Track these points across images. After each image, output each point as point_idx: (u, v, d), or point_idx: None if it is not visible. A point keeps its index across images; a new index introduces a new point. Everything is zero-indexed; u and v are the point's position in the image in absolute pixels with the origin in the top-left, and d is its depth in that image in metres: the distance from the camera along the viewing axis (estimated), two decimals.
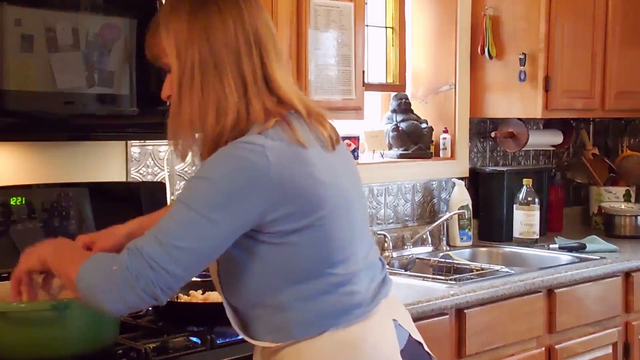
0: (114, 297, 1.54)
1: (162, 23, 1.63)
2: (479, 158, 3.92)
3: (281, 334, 1.63)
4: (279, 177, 1.54)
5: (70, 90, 2.11)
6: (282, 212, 1.56)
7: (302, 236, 1.58)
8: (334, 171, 1.64)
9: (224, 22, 1.60)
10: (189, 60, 1.59)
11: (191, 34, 1.59)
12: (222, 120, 1.59)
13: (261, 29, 1.64)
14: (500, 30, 3.64)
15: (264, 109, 1.60)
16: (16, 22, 2.01)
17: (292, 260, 1.59)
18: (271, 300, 1.62)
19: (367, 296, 1.66)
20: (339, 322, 1.62)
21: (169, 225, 1.55)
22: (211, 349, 1.99)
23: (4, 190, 2.31)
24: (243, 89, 1.60)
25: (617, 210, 4.00)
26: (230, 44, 1.60)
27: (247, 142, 1.55)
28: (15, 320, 1.74)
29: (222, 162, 1.55)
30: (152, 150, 2.76)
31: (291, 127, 1.59)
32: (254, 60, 1.61)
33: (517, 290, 2.89)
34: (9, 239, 2.29)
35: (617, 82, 3.84)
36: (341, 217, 1.63)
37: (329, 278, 1.61)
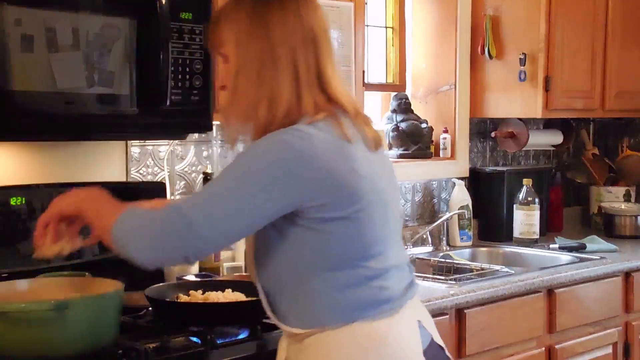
0: (146, 248, 1.62)
1: (224, 15, 1.71)
2: (479, 158, 3.92)
3: (310, 321, 1.67)
4: (323, 166, 1.60)
5: (70, 90, 2.11)
6: (321, 200, 1.61)
7: (337, 226, 1.63)
8: (373, 170, 1.69)
9: (284, 18, 1.67)
10: (248, 53, 1.67)
11: (252, 28, 1.67)
12: (273, 111, 1.65)
13: (317, 27, 1.71)
14: (500, 30, 3.64)
15: (314, 103, 1.67)
16: (16, 22, 2.01)
17: (326, 247, 1.64)
18: (303, 286, 1.66)
19: (395, 294, 1.71)
20: (367, 315, 1.66)
21: (211, 192, 1.63)
22: (211, 349, 1.99)
23: (4, 190, 2.31)
24: (296, 83, 1.67)
25: (617, 210, 4.00)
26: (288, 40, 1.67)
27: (296, 129, 1.61)
28: (15, 320, 1.74)
29: (270, 143, 1.61)
30: (152, 150, 2.76)
31: (339, 122, 1.66)
32: (309, 56, 1.68)
33: (517, 290, 2.89)
34: (9, 239, 2.29)
35: (617, 82, 3.84)
36: (376, 214, 1.68)
37: (360, 270, 1.66)
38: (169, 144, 2.79)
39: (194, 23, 2.31)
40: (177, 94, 2.29)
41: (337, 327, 1.66)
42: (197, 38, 2.32)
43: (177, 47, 2.28)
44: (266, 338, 2.08)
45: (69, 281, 2.05)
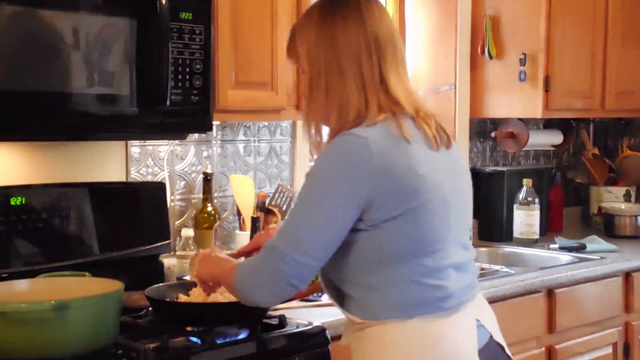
0: (263, 291, 1.74)
1: (297, 30, 1.84)
2: (479, 158, 3.92)
3: (367, 313, 1.75)
4: (380, 164, 1.67)
5: (70, 90, 2.11)
6: (382, 197, 1.67)
7: (396, 222, 1.69)
8: (435, 169, 1.74)
9: (347, 28, 1.77)
10: (316, 63, 1.78)
11: (318, 40, 1.78)
12: (344, 116, 1.76)
13: (381, 34, 1.79)
14: (500, 30, 3.64)
15: (378, 105, 1.75)
16: (16, 22, 2.01)
17: (383, 244, 1.70)
18: (361, 280, 1.74)
19: (453, 293, 1.75)
20: (423, 312, 1.72)
21: (292, 220, 1.74)
22: (211, 349, 1.99)
23: (4, 190, 2.31)
24: (362, 88, 1.76)
25: (617, 210, 4.00)
26: (352, 48, 1.76)
27: (352, 134, 1.70)
28: (15, 320, 1.74)
29: (328, 155, 1.72)
30: (152, 150, 2.76)
31: (398, 123, 1.73)
32: (373, 62, 1.77)
33: (517, 290, 2.89)
34: (9, 239, 2.29)
35: (617, 82, 3.84)
36: (435, 212, 1.72)
37: (416, 267, 1.71)
38: (169, 144, 2.79)
39: (194, 23, 2.31)
40: (177, 94, 2.29)
41: (394, 322, 1.72)
42: (197, 38, 2.32)
43: (177, 47, 2.28)
44: (266, 338, 2.09)
45: (69, 281, 2.05)
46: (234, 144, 3.00)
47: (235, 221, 2.97)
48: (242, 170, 3.02)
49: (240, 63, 2.51)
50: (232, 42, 2.49)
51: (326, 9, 1.80)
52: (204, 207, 2.81)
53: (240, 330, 2.10)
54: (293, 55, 1.86)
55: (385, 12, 1.83)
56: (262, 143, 3.09)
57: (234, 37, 2.49)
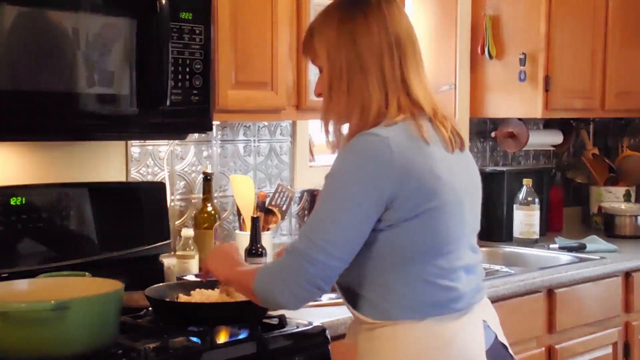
0: (286, 294, 1.72)
1: (316, 29, 1.83)
2: (479, 158, 3.92)
3: (381, 313, 1.74)
4: (401, 164, 1.67)
5: (70, 90, 2.11)
6: (402, 197, 1.68)
7: (413, 222, 1.69)
8: (451, 170, 1.75)
9: (369, 27, 1.77)
10: (337, 62, 1.78)
11: (339, 39, 1.78)
12: (365, 116, 1.76)
13: (402, 34, 1.79)
14: (500, 30, 3.64)
15: (398, 105, 1.76)
16: (16, 22, 2.01)
17: (401, 243, 1.71)
18: (377, 280, 1.74)
19: (464, 295, 1.76)
20: (436, 314, 1.73)
21: (314, 222, 1.73)
22: (211, 349, 1.99)
23: (4, 190, 2.31)
24: (384, 87, 1.76)
25: (617, 210, 4.00)
26: (374, 47, 1.76)
27: (372, 134, 1.70)
28: (15, 320, 1.74)
29: (349, 155, 1.71)
30: (152, 150, 2.76)
31: (417, 124, 1.74)
32: (395, 62, 1.77)
33: (517, 290, 2.89)
34: (9, 239, 2.29)
35: (617, 82, 3.84)
36: (451, 213, 1.73)
37: (430, 268, 1.72)
38: (169, 144, 2.79)
39: (194, 23, 2.31)
40: (177, 94, 2.29)
41: (407, 322, 1.72)
42: (197, 38, 2.32)
43: (177, 47, 2.28)
44: (266, 338, 2.09)
45: (69, 281, 2.05)
46: (234, 144, 3.00)
47: (235, 221, 2.97)
48: (242, 170, 3.02)
49: (240, 63, 2.51)
50: (232, 42, 2.49)
51: (347, 8, 1.80)
52: (204, 207, 2.81)
53: (240, 330, 2.11)
54: (310, 54, 1.86)
55: (405, 12, 1.84)
56: (262, 143, 3.09)
57: (234, 37, 2.49)
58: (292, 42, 2.67)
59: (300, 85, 2.72)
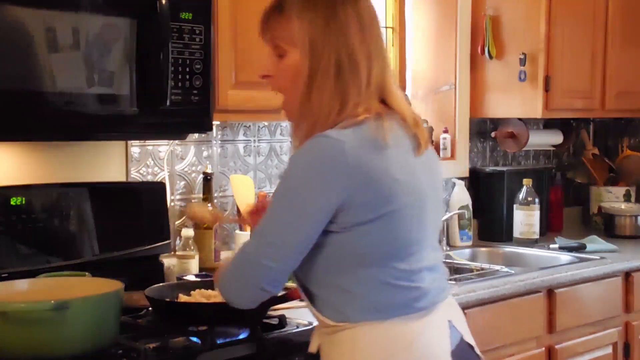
0: (236, 294, 1.73)
1: (296, 13, 1.71)
2: (479, 158, 3.92)
3: (342, 315, 1.70)
4: (355, 168, 1.62)
5: (70, 90, 2.11)
6: (356, 202, 1.63)
7: (370, 227, 1.65)
8: (412, 172, 1.71)
9: (362, 28, 1.71)
10: (324, 58, 1.69)
11: (329, 32, 1.69)
12: (341, 117, 1.69)
13: (382, 37, 1.77)
14: (500, 30, 3.64)
15: (368, 105, 1.70)
16: (16, 22, 2.01)
17: (358, 247, 1.67)
18: (334, 281, 1.70)
19: (427, 295, 1.73)
20: (397, 314, 1.69)
21: (264, 223, 1.70)
22: (211, 349, 1.99)
23: (4, 190, 2.31)
24: (366, 89, 1.71)
25: (617, 210, 4.00)
26: (366, 48, 1.71)
27: (328, 137, 1.64)
28: (15, 320, 1.74)
29: (303, 157, 1.66)
30: (152, 150, 2.76)
31: (382, 125, 1.68)
32: (381, 64, 1.74)
33: (517, 290, 2.89)
34: (9, 239, 2.29)
35: (617, 82, 3.84)
36: (411, 217, 1.69)
37: (391, 270, 1.68)
38: (169, 144, 2.79)
39: (194, 23, 2.31)
40: (177, 94, 2.29)
41: (368, 324, 1.69)
42: (197, 38, 2.32)
43: (177, 47, 2.28)
44: (266, 338, 2.09)
45: (69, 281, 2.05)
46: (234, 144, 3.00)
47: None
48: (242, 170, 3.02)
49: (240, 63, 2.51)
50: (232, 42, 2.49)
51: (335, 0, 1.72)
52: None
53: (240, 330, 2.11)
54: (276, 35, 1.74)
55: None
56: (262, 143, 3.09)
57: (234, 37, 2.49)
58: None
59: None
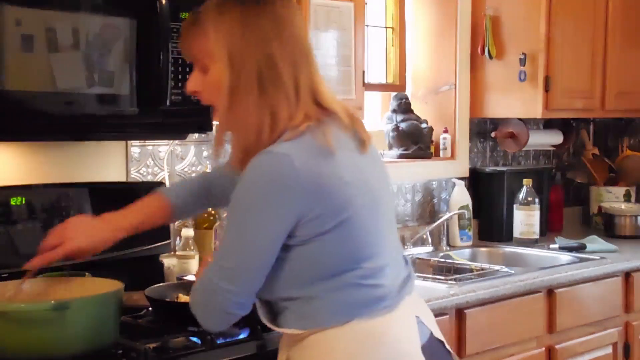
0: (204, 319, 1.71)
1: (212, 26, 1.64)
2: (479, 158, 3.92)
3: (309, 322, 1.69)
4: (308, 181, 1.59)
5: (70, 90, 2.11)
6: (313, 214, 1.61)
7: (330, 235, 1.63)
8: (363, 172, 1.69)
9: (280, 33, 1.64)
10: (244, 69, 1.63)
11: (246, 43, 1.63)
12: (275, 131, 1.63)
13: (307, 39, 1.70)
14: (500, 30, 3.64)
15: (305, 114, 1.65)
16: (16, 22, 2.01)
17: (321, 257, 1.65)
18: (300, 293, 1.68)
19: (391, 290, 1.72)
20: (363, 313, 1.67)
21: (221, 249, 1.68)
22: (211, 349, 1.99)
23: (4, 190, 2.31)
24: (296, 98, 1.65)
25: (617, 210, 4.00)
26: (287, 55, 1.64)
27: (273, 153, 1.60)
28: (15, 320, 1.74)
29: (250, 179, 1.62)
30: (152, 150, 2.76)
31: (324, 132, 1.64)
32: (307, 70, 1.67)
33: (517, 290, 2.89)
34: (9, 239, 2.29)
35: (617, 82, 3.84)
36: (368, 217, 1.67)
37: (355, 272, 1.67)
38: (169, 144, 2.79)
39: None
40: (177, 94, 2.28)
41: (336, 327, 1.67)
42: None
43: (177, 47, 2.27)
44: (266, 338, 2.08)
45: (69, 281, 2.05)
46: None
47: None
48: None
49: None
50: None
51: (249, 5, 1.64)
52: None
53: (240, 330, 2.10)
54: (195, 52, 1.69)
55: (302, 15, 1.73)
56: None
57: None
58: None
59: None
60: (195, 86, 1.71)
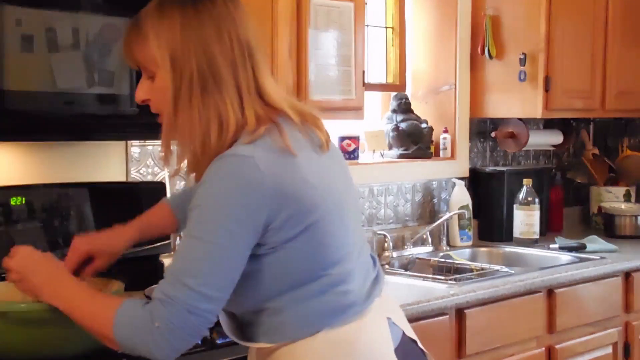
0: (163, 348, 1.54)
1: (152, 31, 1.59)
2: (479, 158, 3.92)
3: (277, 335, 1.63)
4: (273, 184, 1.53)
5: (70, 90, 2.11)
6: (281, 218, 1.55)
7: (297, 242, 1.58)
8: (326, 174, 1.64)
9: (219, 32, 1.59)
10: (186, 72, 1.57)
11: (186, 45, 1.57)
12: (224, 135, 1.57)
13: (252, 38, 1.63)
14: (500, 30, 3.64)
15: (255, 116, 1.59)
16: (16, 22, 2.01)
17: (289, 265, 1.59)
18: (268, 305, 1.62)
19: (360, 295, 1.66)
20: (333, 322, 1.62)
21: (189, 265, 1.54)
22: (211, 349, 1.99)
23: (4, 190, 2.31)
24: (239, 100, 1.59)
25: (617, 210, 4.00)
26: (227, 54, 1.59)
27: (236, 156, 1.54)
28: (15, 320, 1.74)
29: (214, 183, 1.54)
30: (152, 150, 2.76)
31: (281, 134, 1.58)
32: (248, 70, 1.61)
33: (517, 290, 2.89)
34: (9, 239, 2.29)
35: (617, 82, 3.84)
36: (334, 219, 1.62)
37: (323, 279, 1.61)
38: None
39: None
40: None
41: (305, 338, 1.61)
42: None
43: None
44: None
45: None
46: None
47: None
48: None
49: None
50: None
51: (189, 8, 1.59)
52: None
53: None
54: (139, 58, 1.63)
55: (249, 15, 1.66)
56: None
57: None
58: (292, 42, 2.67)
59: (300, 85, 2.72)
60: (145, 94, 1.65)
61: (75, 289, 1.66)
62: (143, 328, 1.54)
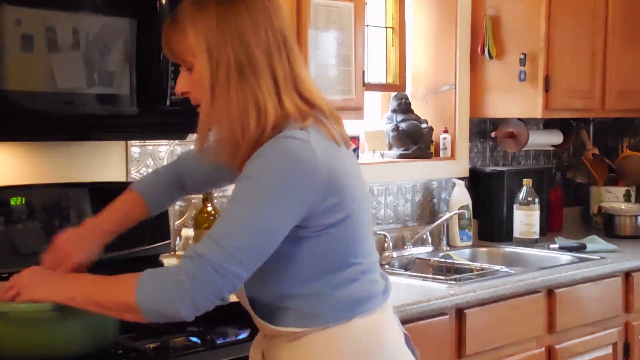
0: (187, 304, 1.55)
1: (189, 21, 1.62)
2: (479, 158, 3.92)
3: (310, 320, 1.66)
4: (325, 169, 1.58)
5: (70, 90, 2.11)
6: (327, 203, 1.60)
7: (338, 228, 1.63)
8: (353, 169, 1.70)
9: (254, 22, 1.62)
10: (223, 60, 1.60)
11: (222, 34, 1.60)
12: (263, 121, 1.60)
13: (285, 28, 1.66)
14: (500, 30, 3.64)
15: (296, 108, 1.62)
16: (16, 22, 2.01)
17: (328, 250, 1.64)
18: (304, 290, 1.66)
19: (382, 285, 1.75)
20: (365, 309, 1.68)
21: (228, 227, 1.57)
22: (211, 349, 1.99)
23: (4, 190, 2.31)
24: (276, 88, 1.62)
25: (617, 210, 4.00)
26: (262, 44, 1.61)
27: (292, 137, 1.57)
28: (15, 320, 1.74)
29: (271, 159, 1.57)
30: (152, 150, 2.76)
31: (325, 126, 1.64)
32: (284, 59, 1.63)
33: (517, 290, 2.89)
34: (9, 239, 2.29)
35: (617, 81, 3.85)
36: (365, 211, 1.71)
37: (357, 267, 1.68)
38: (169, 144, 2.79)
39: None
40: None
41: (340, 324, 1.66)
42: None
43: None
44: None
45: None
46: None
47: None
48: None
49: None
50: None
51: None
52: (204, 207, 2.80)
53: (240, 331, 2.11)
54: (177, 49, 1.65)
55: (282, 8, 1.69)
56: None
57: None
58: None
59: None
60: (184, 87, 1.68)
61: (91, 276, 1.72)
62: (166, 284, 1.56)
